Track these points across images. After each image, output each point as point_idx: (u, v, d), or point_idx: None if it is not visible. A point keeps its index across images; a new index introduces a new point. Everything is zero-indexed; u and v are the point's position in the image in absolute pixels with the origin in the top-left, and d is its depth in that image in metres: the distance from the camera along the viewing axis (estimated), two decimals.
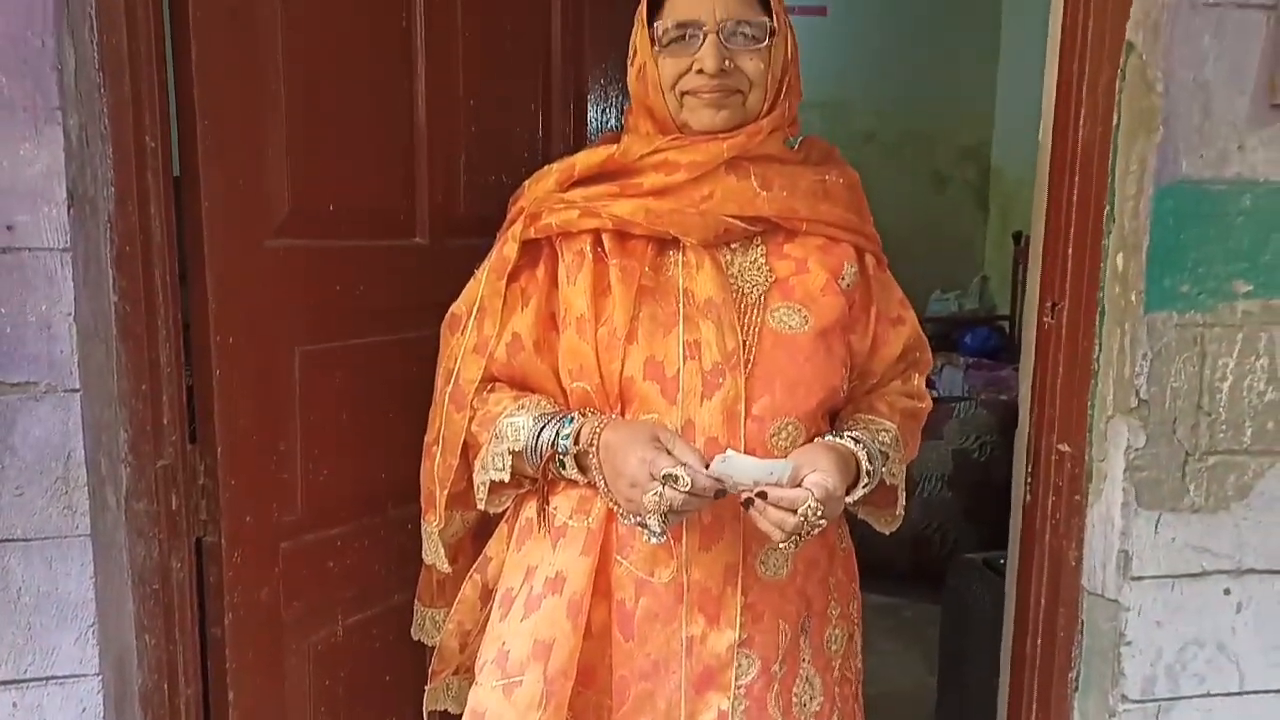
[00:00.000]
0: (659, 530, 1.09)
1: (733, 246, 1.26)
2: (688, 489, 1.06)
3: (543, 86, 1.82)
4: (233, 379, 1.37)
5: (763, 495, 1.08)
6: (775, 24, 1.22)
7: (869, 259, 1.32)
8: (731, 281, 1.23)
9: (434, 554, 1.37)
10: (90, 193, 1.18)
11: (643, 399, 1.20)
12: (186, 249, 1.32)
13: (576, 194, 1.26)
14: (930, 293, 5.28)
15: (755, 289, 1.24)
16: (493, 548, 1.37)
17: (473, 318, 1.28)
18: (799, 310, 1.23)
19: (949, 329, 4.99)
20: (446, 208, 1.65)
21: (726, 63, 1.20)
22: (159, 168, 1.26)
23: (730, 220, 1.23)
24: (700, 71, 1.20)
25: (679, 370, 1.19)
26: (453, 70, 1.63)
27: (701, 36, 1.20)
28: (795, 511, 1.07)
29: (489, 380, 1.28)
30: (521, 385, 1.28)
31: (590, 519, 1.22)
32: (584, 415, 1.20)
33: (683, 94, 1.23)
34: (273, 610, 1.45)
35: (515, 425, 1.21)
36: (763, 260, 1.26)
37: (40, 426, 1.17)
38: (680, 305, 1.22)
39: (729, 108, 1.23)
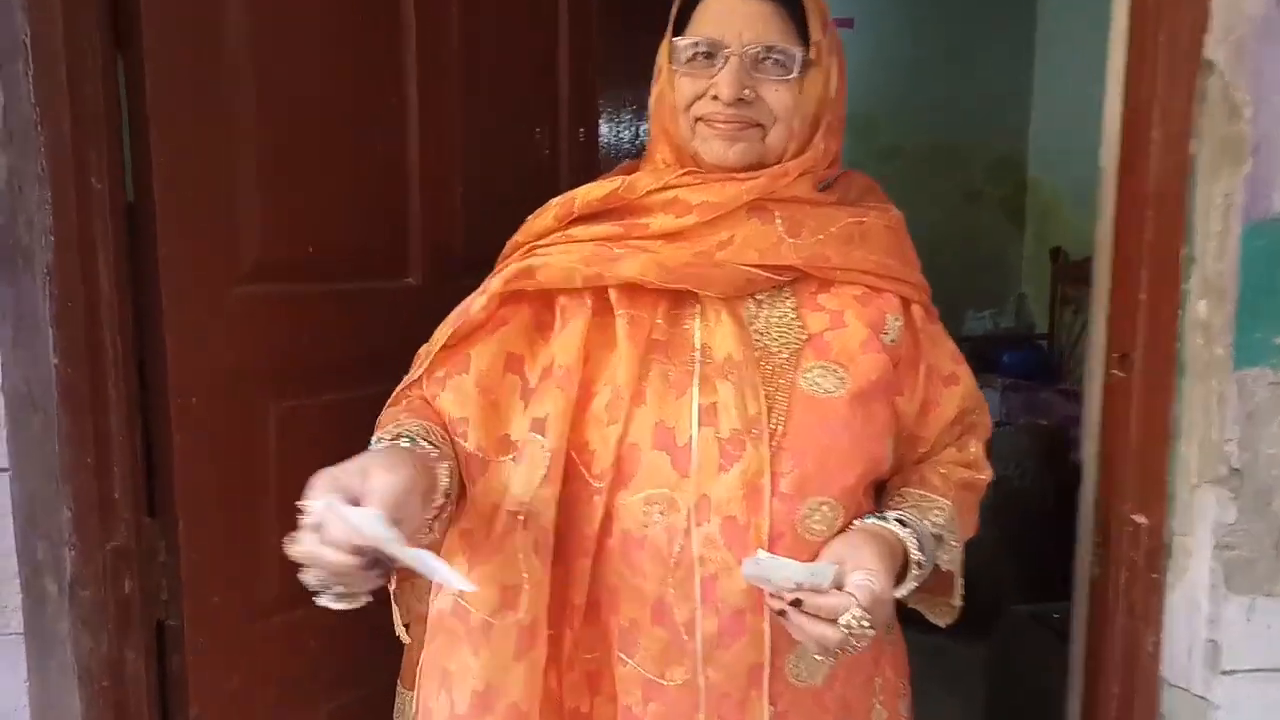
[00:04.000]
0: (316, 586, 0.81)
1: (758, 298, 1.10)
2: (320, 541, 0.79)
3: (549, 110, 1.67)
4: (196, 444, 1.22)
5: (795, 603, 0.91)
6: (813, 55, 1.07)
7: (916, 310, 1.16)
8: (757, 339, 1.07)
9: (397, 622, 1.18)
10: (25, 241, 1.04)
11: (650, 470, 1.03)
12: (142, 300, 1.18)
13: (579, 231, 1.11)
14: (965, 311, 5.08)
15: (784, 347, 1.08)
16: None
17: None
18: (835, 370, 1.07)
19: (985, 348, 4.78)
20: (443, 244, 1.50)
21: (746, 91, 1.05)
22: (106, 211, 1.11)
23: (753, 271, 1.07)
24: (716, 98, 1.06)
25: (692, 438, 1.03)
26: (448, 95, 1.49)
27: (723, 59, 1.05)
28: (837, 621, 0.91)
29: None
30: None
31: (521, 613, 1.01)
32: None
33: (696, 120, 1.08)
34: (245, 700, 1.30)
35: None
36: (793, 314, 1.10)
37: None
38: (696, 363, 1.06)
39: (745, 141, 1.08)
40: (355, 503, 0.79)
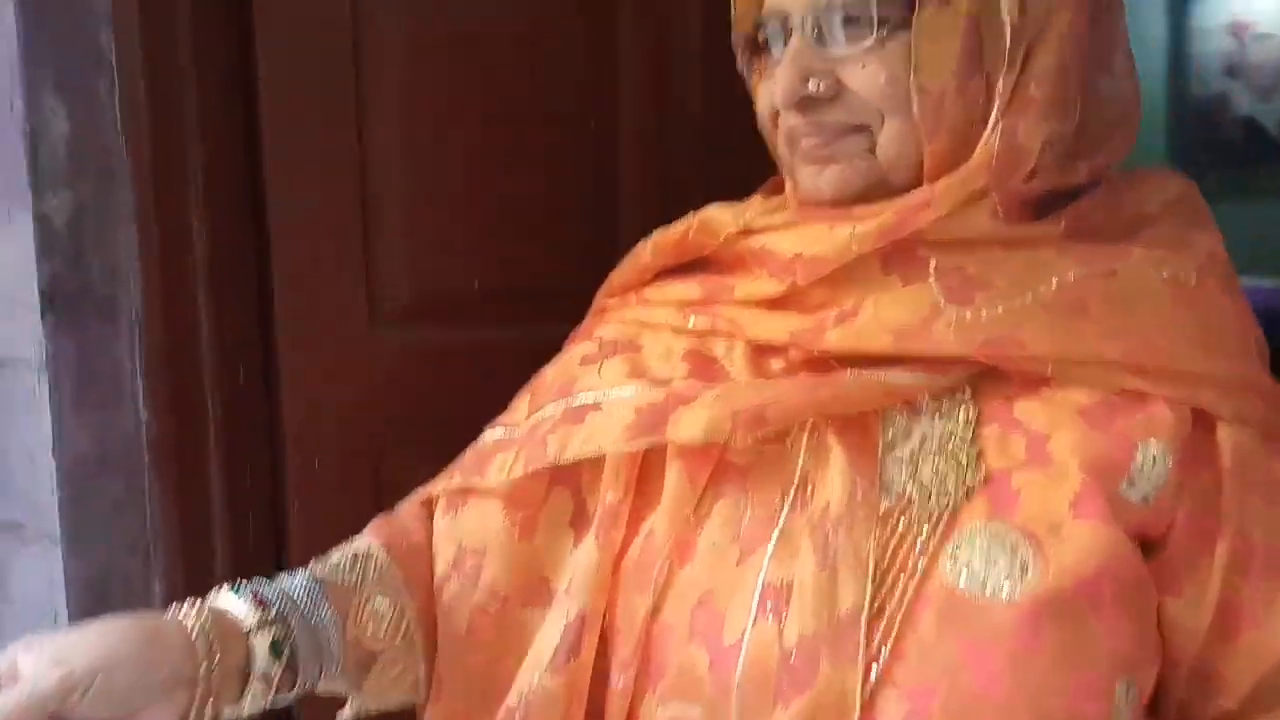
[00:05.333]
0: None
1: (914, 402, 0.67)
2: None
3: None
4: (317, 513, 1.05)
5: None
6: None
7: (1228, 435, 0.63)
8: (894, 475, 0.64)
9: None
10: (100, 289, 0.92)
11: (681, 673, 0.64)
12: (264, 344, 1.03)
13: (654, 292, 0.78)
14: None
15: (942, 493, 0.62)
16: None
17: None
18: (1014, 547, 0.59)
19: None
20: None
21: (813, 83, 0.66)
22: (203, 245, 0.97)
23: (893, 380, 0.65)
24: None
25: (744, 635, 0.62)
26: (676, 83, 1.16)
27: (783, 38, 0.68)
28: None
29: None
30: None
31: None
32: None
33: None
34: None
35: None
36: (968, 431, 0.64)
37: (32, 577, 0.95)
38: (784, 508, 0.65)
39: (840, 161, 0.68)
40: None
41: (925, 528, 0.61)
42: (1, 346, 0.92)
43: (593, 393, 0.73)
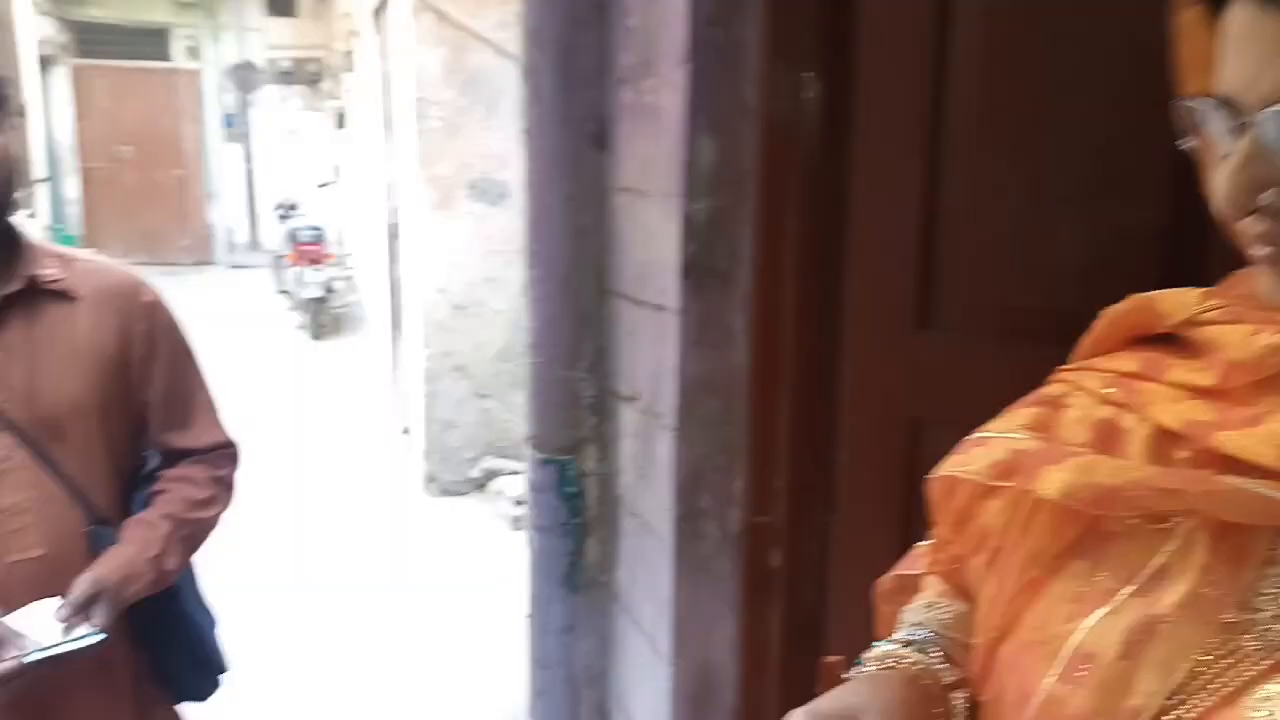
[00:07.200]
0: None
1: None
2: None
3: None
4: (864, 467, 1.32)
5: None
6: None
7: None
8: (1256, 593, 0.60)
9: None
10: (722, 266, 1.30)
11: (997, 701, 0.69)
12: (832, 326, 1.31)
13: (1102, 360, 0.74)
14: None
15: None
16: None
17: None
18: None
19: None
20: None
21: (1267, 197, 0.57)
22: (799, 251, 1.27)
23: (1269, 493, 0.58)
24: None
25: (1043, 688, 0.65)
26: None
27: (1237, 128, 0.58)
28: None
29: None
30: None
31: None
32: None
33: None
34: None
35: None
36: None
37: (661, 450, 1.41)
38: (1128, 586, 0.64)
39: None
40: None
41: (1259, 656, 0.58)
42: (661, 298, 1.37)
43: (989, 431, 0.76)
